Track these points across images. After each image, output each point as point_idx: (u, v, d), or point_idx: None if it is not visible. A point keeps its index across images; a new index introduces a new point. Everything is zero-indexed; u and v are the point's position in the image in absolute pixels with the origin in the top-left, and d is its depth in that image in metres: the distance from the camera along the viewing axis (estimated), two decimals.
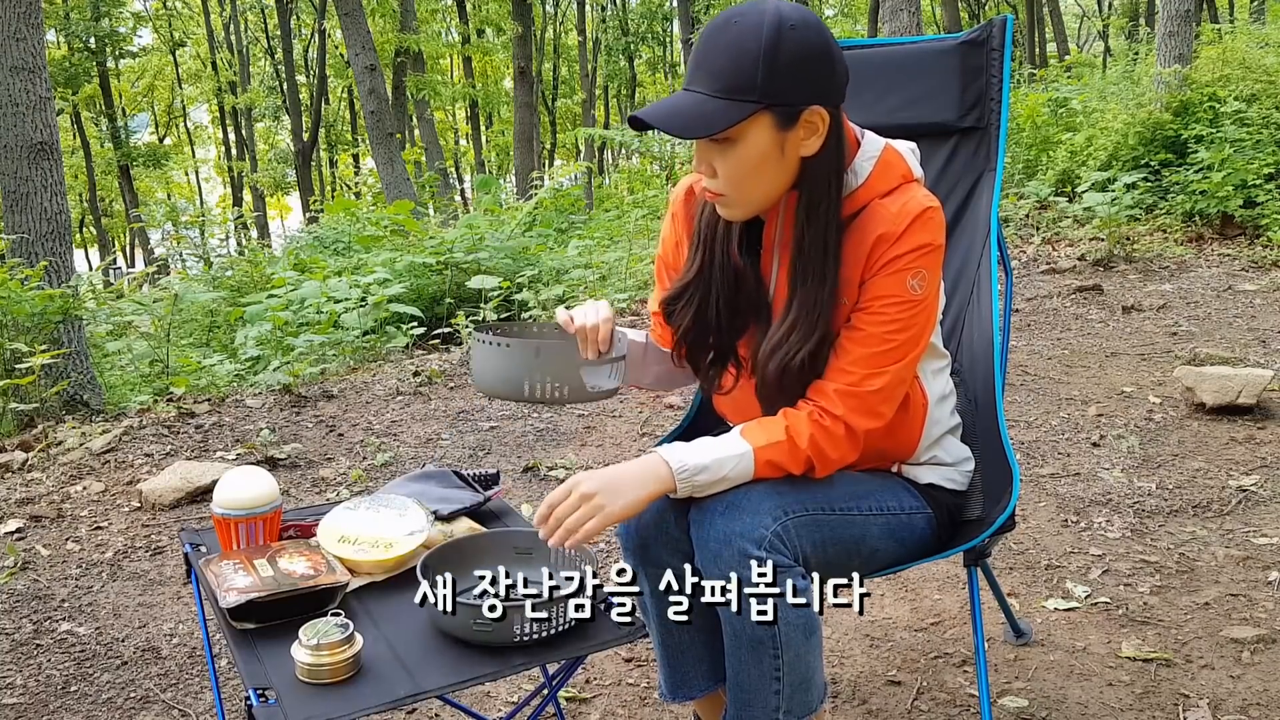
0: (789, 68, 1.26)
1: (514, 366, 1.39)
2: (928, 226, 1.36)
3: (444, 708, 2.01)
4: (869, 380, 1.37)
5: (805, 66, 1.27)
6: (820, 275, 1.37)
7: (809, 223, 1.36)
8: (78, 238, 29.05)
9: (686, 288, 1.48)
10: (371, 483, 3.31)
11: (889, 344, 1.37)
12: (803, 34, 1.27)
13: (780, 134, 1.30)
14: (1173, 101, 7.03)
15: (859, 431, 1.38)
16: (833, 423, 1.36)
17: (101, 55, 22.73)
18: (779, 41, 1.25)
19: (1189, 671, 2.00)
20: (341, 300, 5.74)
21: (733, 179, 1.33)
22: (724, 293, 1.46)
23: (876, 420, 1.40)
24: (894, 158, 1.41)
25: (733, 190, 1.35)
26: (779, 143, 1.31)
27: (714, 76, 1.27)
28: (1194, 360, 4.04)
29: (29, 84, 4.47)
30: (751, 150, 1.30)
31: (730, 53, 1.26)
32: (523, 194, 13.00)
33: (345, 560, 1.46)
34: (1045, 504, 2.84)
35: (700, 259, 1.47)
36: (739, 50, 1.26)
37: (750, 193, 1.35)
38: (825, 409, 1.37)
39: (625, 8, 27.05)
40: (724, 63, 1.26)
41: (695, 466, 1.32)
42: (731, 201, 1.37)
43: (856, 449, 1.40)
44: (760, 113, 1.27)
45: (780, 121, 1.29)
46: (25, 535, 3.00)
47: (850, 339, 1.38)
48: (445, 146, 27.53)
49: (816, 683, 1.41)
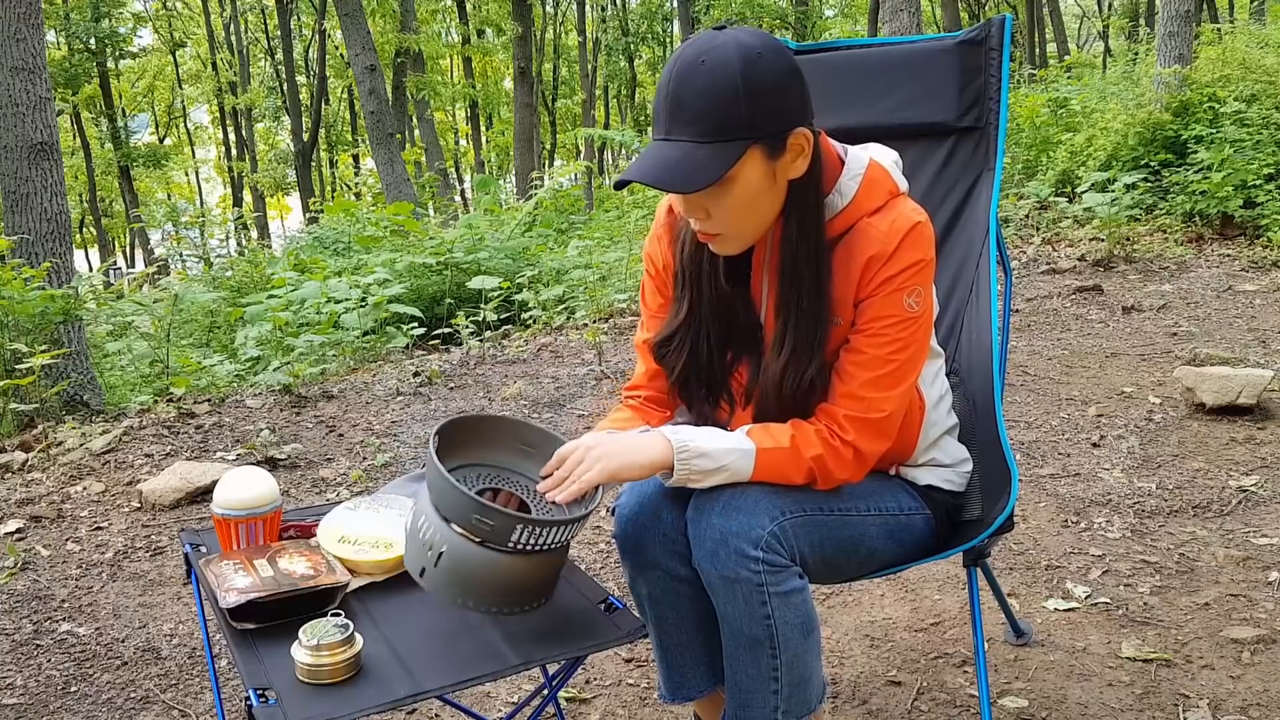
0: (768, 96, 1.24)
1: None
2: (918, 243, 1.35)
3: (444, 708, 2.01)
4: (878, 405, 1.37)
5: (783, 91, 1.25)
6: (814, 297, 1.36)
7: (800, 243, 1.35)
8: (78, 238, 29.06)
9: (677, 331, 1.46)
10: (371, 483, 3.31)
11: (892, 364, 1.37)
12: (772, 60, 1.24)
13: (771, 164, 1.28)
14: (1173, 102, 7.03)
15: (869, 456, 1.39)
16: (843, 445, 1.37)
17: (101, 55, 22.74)
18: (754, 73, 1.22)
19: (1189, 672, 2.00)
20: (341, 300, 5.74)
21: (730, 219, 1.31)
22: (715, 328, 1.45)
23: (885, 443, 1.41)
24: (879, 174, 1.40)
25: (730, 228, 1.33)
26: (771, 172, 1.29)
27: (696, 121, 1.23)
28: (1194, 360, 4.04)
29: (29, 84, 4.47)
30: (747, 187, 1.28)
31: (708, 95, 1.22)
32: (523, 194, 13.01)
33: (345, 560, 1.46)
34: (1045, 504, 2.84)
35: (689, 299, 1.45)
36: (715, 90, 1.22)
37: (747, 228, 1.34)
38: (836, 431, 1.37)
39: (625, 8, 27.05)
40: (703, 106, 1.22)
41: (696, 450, 1.32)
42: (728, 239, 1.35)
43: (865, 470, 1.41)
44: (751, 148, 1.25)
45: (769, 152, 1.27)
46: (25, 535, 3.00)
47: (853, 363, 1.38)
48: (445, 147, 27.54)
49: (815, 682, 1.41)
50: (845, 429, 1.37)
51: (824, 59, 1.97)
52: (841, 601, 2.39)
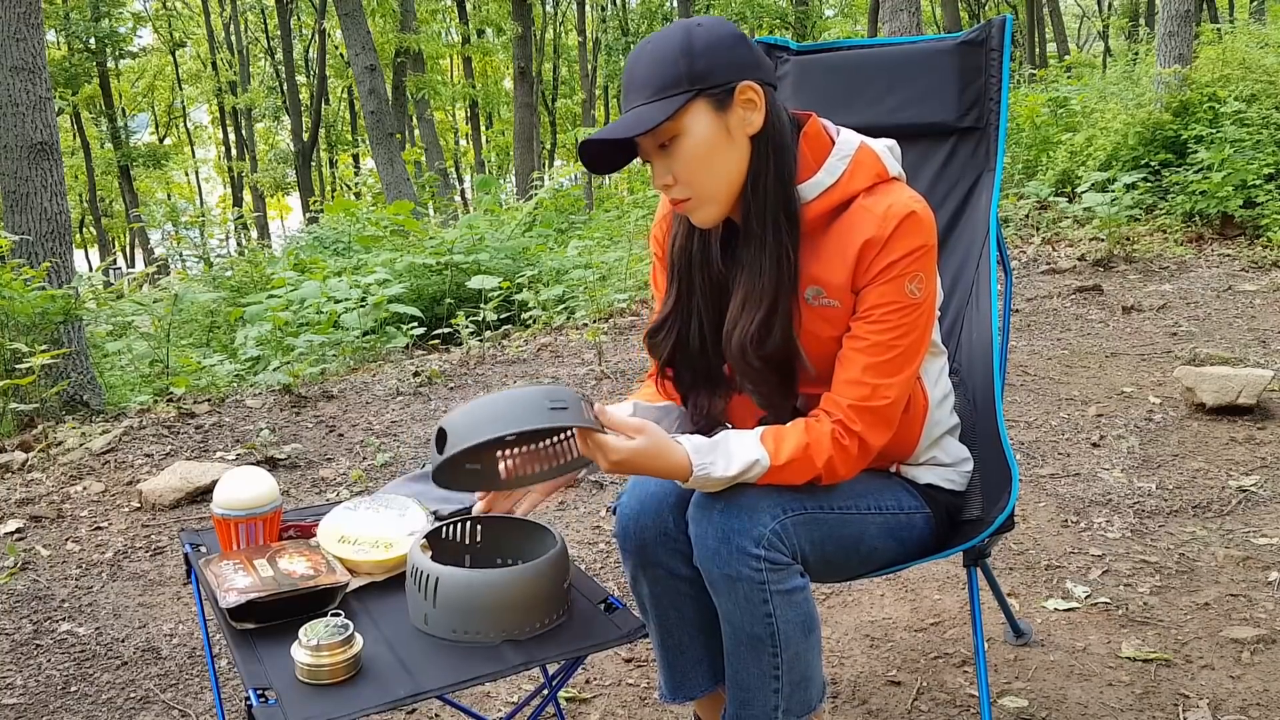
0: (706, 52, 1.30)
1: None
2: (918, 229, 1.35)
3: (444, 708, 2.01)
4: (881, 393, 1.37)
5: (722, 49, 1.31)
6: (761, 242, 1.37)
7: (753, 193, 1.36)
8: (78, 238, 29.06)
9: (666, 319, 1.48)
10: (371, 483, 3.31)
11: (894, 350, 1.37)
12: (710, 27, 1.33)
13: (720, 116, 1.32)
14: (1173, 102, 7.03)
15: (873, 448, 1.39)
16: (850, 441, 1.37)
17: (101, 55, 22.74)
18: (690, 37, 1.31)
19: (1189, 671, 2.00)
20: (341, 300, 5.74)
21: (688, 174, 1.33)
22: (708, 316, 1.46)
23: (889, 432, 1.41)
24: (868, 156, 1.40)
25: (694, 187, 1.34)
26: (723, 125, 1.32)
27: (644, 88, 1.31)
28: (1194, 360, 4.04)
29: (29, 84, 4.47)
30: (697, 139, 1.32)
31: (651, 62, 1.31)
32: (523, 194, 13.01)
33: (345, 560, 1.46)
34: (1045, 504, 2.84)
35: (677, 289, 1.48)
36: (657, 57, 1.31)
37: (709, 185, 1.35)
38: (846, 426, 1.37)
39: (625, 8, 27.06)
40: (647, 72, 1.31)
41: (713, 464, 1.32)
42: (697, 202, 1.36)
43: (866, 462, 1.41)
44: (694, 101, 1.30)
45: (716, 103, 1.31)
46: (25, 535, 3.00)
47: (855, 349, 1.38)
48: (445, 146, 27.54)
49: (816, 681, 1.41)
50: (853, 420, 1.36)
51: (824, 59, 1.97)
52: (841, 601, 2.39)
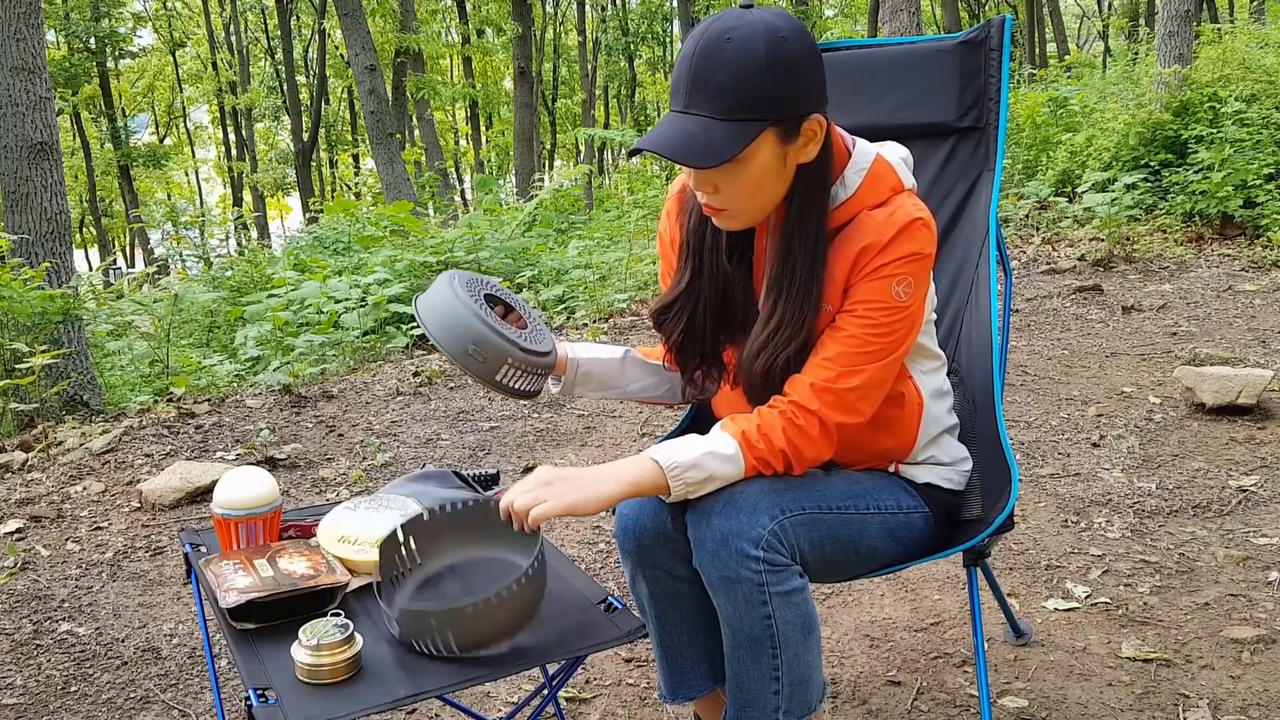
0: (790, 79, 1.25)
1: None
2: (916, 236, 1.35)
3: (444, 708, 2.01)
4: (846, 378, 1.36)
5: (804, 76, 1.27)
6: (807, 279, 1.36)
7: (799, 227, 1.36)
8: (78, 238, 29.05)
9: (677, 299, 1.48)
10: (371, 483, 3.31)
11: (869, 346, 1.37)
12: (795, 43, 1.25)
13: (784, 147, 1.30)
14: (1173, 102, 7.03)
15: (832, 427, 1.37)
16: (807, 419, 1.35)
17: (101, 55, 22.74)
18: (778, 54, 1.23)
19: (1189, 671, 2.00)
20: (341, 300, 5.74)
21: (738, 196, 1.33)
22: (712, 301, 1.46)
23: (853, 416, 1.38)
24: (884, 169, 1.40)
25: (736, 206, 1.34)
26: (782, 156, 1.31)
27: (718, 97, 1.24)
28: (1194, 360, 4.04)
29: (29, 84, 4.47)
30: (758, 168, 1.29)
31: (731, 71, 1.23)
32: (523, 194, 13.00)
33: (345, 560, 1.46)
34: (1045, 504, 2.84)
35: (690, 269, 1.47)
36: (740, 68, 1.23)
37: (753, 206, 1.35)
38: (800, 405, 1.36)
39: (625, 8, 27.06)
40: (726, 82, 1.23)
41: (685, 463, 1.32)
42: (733, 216, 1.37)
43: (831, 445, 1.39)
44: (768, 129, 1.27)
45: (784, 135, 1.29)
46: (25, 535, 3.00)
47: (831, 337, 1.38)
48: (445, 146, 27.52)
49: (816, 682, 1.41)
50: (810, 399, 1.35)
51: (824, 59, 1.96)
52: (841, 601, 2.39)
